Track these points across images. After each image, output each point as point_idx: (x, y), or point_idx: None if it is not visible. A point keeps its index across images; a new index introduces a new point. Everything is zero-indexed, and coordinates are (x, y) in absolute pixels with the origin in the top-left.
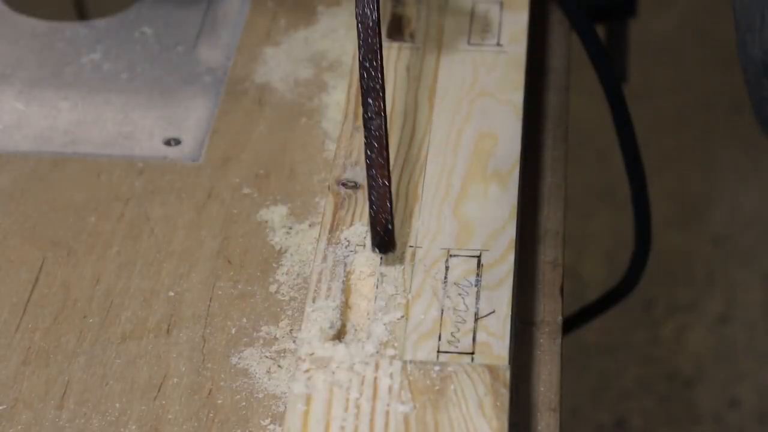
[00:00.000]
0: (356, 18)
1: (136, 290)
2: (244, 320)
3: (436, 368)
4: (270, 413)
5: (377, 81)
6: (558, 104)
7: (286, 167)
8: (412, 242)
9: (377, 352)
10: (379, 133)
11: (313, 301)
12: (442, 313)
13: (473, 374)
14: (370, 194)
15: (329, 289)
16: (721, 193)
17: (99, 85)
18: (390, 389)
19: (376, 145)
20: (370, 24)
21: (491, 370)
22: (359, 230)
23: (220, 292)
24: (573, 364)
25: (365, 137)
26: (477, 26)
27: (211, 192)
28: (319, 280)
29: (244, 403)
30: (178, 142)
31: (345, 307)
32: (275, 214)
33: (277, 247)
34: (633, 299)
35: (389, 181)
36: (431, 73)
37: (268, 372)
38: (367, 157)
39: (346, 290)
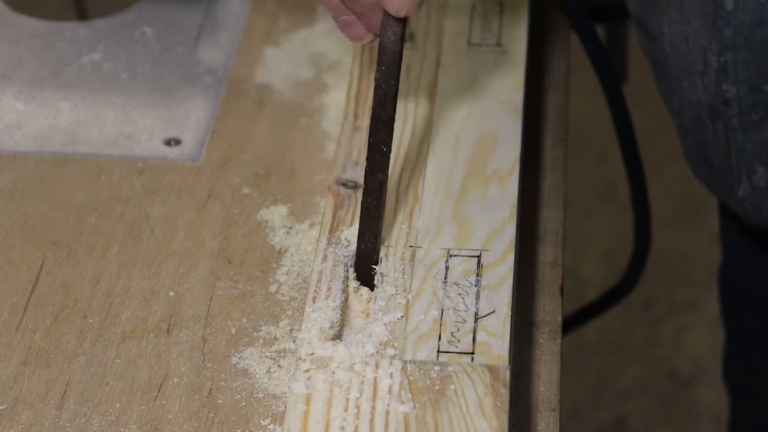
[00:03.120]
0: (376, 81)
1: (136, 290)
2: (244, 320)
3: (436, 368)
4: (270, 413)
5: (388, 143)
6: (558, 104)
7: (286, 167)
8: (412, 242)
9: (377, 352)
10: (379, 189)
11: (313, 301)
12: (442, 313)
13: (473, 374)
14: (360, 241)
15: (329, 289)
16: None
17: (99, 85)
18: (390, 389)
19: (374, 200)
20: (392, 90)
21: (491, 370)
22: None
23: (220, 292)
24: (573, 364)
25: (364, 189)
26: (477, 26)
27: (211, 192)
28: (319, 280)
29: (244, 403)
30: (178, 142)
31: (345, 307)
32: (275, 214)
33: (277, 247)
34: (633, 299)
35: (380, 234)
36: (431, 73)
37: (268, 372)
38: (363, 208)
39: (345, 290)
